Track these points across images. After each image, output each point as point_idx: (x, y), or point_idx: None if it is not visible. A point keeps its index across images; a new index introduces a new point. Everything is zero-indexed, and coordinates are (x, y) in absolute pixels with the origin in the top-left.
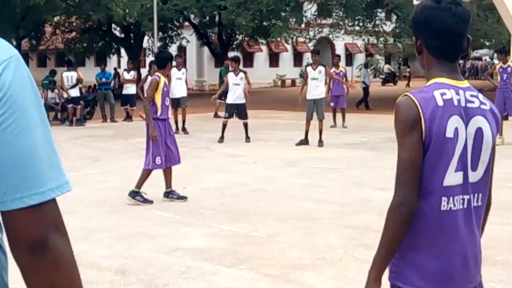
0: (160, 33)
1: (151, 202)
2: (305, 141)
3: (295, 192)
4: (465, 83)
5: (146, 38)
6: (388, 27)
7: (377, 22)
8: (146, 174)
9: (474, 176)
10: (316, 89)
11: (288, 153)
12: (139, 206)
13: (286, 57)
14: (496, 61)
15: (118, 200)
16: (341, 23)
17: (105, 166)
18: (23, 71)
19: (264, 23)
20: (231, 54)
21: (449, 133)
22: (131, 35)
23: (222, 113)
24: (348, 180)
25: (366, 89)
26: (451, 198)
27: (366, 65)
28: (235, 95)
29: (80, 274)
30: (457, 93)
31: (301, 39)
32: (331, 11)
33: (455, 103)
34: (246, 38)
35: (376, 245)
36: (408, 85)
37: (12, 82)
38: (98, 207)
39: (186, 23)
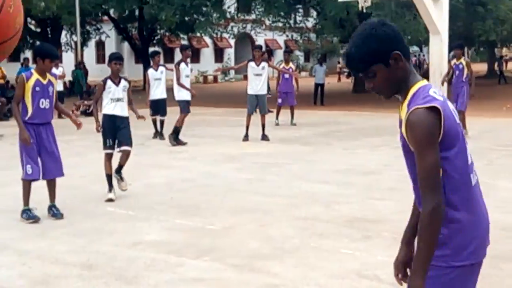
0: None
1: (37, 219)
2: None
3: (241, 186)
4: None
5: (64, 32)
6: (311, 23)
7: (299, 18)
8: (24, 186)
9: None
10: (260, 85)
11: (225, 148)
12: (90, 203)
13: (207, 53)
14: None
15: (65, 198)
16: (262, 18)
17: None
18: None
19: (186, 18)
20: (151, 49)
21: (457, 119)
22: (48, 29)
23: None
24: (289, 174)
25: (322, 86)
26: (472, 174)
27: (320, 63)
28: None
29: (47, 270)
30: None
31: (225, 35)
32: (251, 7)
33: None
34: (167, 34)
35: (328, 234)
36: (339, 79)
37: None
38: (46, 204)
39: (105, 17)
